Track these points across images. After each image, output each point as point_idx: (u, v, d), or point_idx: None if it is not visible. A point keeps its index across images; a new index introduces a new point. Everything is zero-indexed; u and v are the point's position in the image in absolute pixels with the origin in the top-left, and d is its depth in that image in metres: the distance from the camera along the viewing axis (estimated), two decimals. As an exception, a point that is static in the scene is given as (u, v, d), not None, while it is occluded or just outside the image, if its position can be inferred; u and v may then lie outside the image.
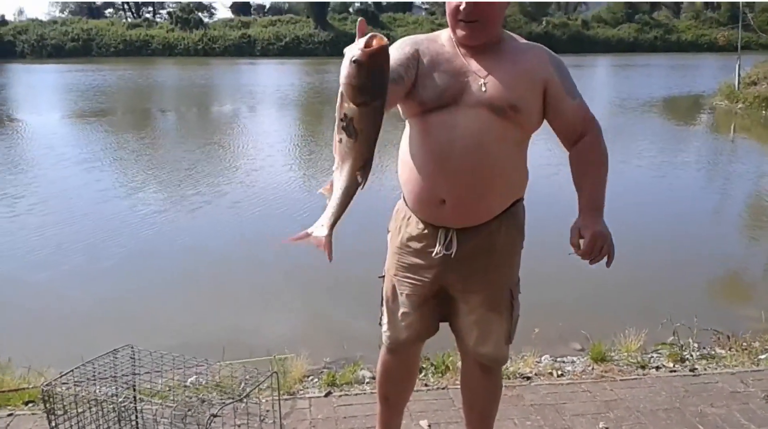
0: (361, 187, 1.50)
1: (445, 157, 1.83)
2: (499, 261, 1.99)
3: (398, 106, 1.90)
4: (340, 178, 1.51)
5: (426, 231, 1.96)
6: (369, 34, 1.39)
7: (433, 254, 1.94)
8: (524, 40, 1.97)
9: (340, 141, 1.47)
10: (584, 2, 75.45)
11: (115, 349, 2.35)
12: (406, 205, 2.01)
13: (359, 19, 1.47)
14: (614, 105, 18.16)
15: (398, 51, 1.83)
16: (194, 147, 11.55)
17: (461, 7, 1.80)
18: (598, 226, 1.78)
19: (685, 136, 13.57)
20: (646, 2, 67.05)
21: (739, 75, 18.20)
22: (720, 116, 16.59)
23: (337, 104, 1.46)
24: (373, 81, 1.41)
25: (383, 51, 1.39)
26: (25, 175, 9.12)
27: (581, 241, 1.77)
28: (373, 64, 1.38)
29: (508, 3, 1.91)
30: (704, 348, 3.52)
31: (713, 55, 37.88)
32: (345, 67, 1.40)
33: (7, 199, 7.63)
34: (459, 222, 1.91)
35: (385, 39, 1.39)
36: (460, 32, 1.85)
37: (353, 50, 1.40)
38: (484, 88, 1.82)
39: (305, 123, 15.98)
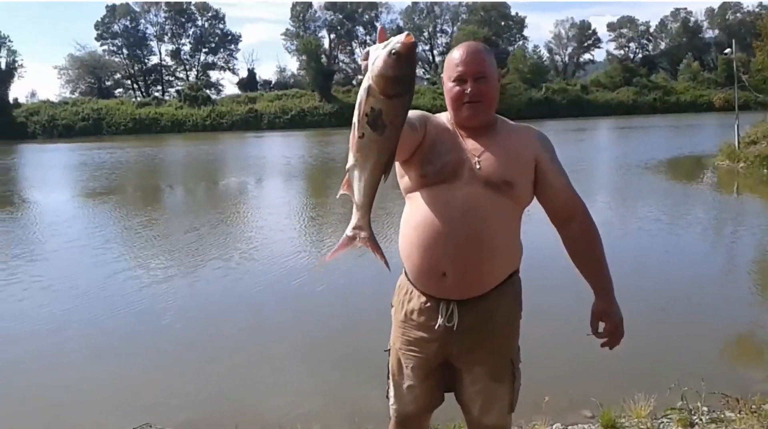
0: (384, 180, 1.53)
1: (444, 230, 1.94)
2: (500, 331, 2.06)
3: (400, 180, 2.05)
4: (363, 174, 1.53)
5: (428, 304, 2.04)
6: (405, 33, 1.48)
7: (435, 327, 2.01)
8: (514, 122, 2.12)
9: (362, 136, 1.49)
10: (582, 68, 77.00)
11: (133, 429, 2.39)
12: (408, 279, 2.09)
13: (380, 27, 1.57)
14: (618, 167, 18.36)
15: (412, 112, 1.99)
16: (205, 221, 11.68)
17: (467, 90, 1.96)
18: (618, 315, 2.01)
19: (690, 197, 13.64)
20: (644, 66, 68.49)
21: (738, 134, 18.44)
22: (723, 176, 16.70)
23: (360, 101, 1.50)
24: (410, 73, 1.48)
25: (416, 47, 1.48)
26: (33, 255, 9.21)
27: (601, 325, 2.02)
28: (411, 56, 1.46)
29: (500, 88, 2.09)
30: (713, 412, 3.52)
31: (712, 114, 38.30)
32: (381, 60, 1.47)
33: (18, 280, 7.71)
34: (460, 294, 1.99)
35: None
36: (465, 112, 2.00)
37: (392, 44, 1.47)
38: (478, 166, 1.95)
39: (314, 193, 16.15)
